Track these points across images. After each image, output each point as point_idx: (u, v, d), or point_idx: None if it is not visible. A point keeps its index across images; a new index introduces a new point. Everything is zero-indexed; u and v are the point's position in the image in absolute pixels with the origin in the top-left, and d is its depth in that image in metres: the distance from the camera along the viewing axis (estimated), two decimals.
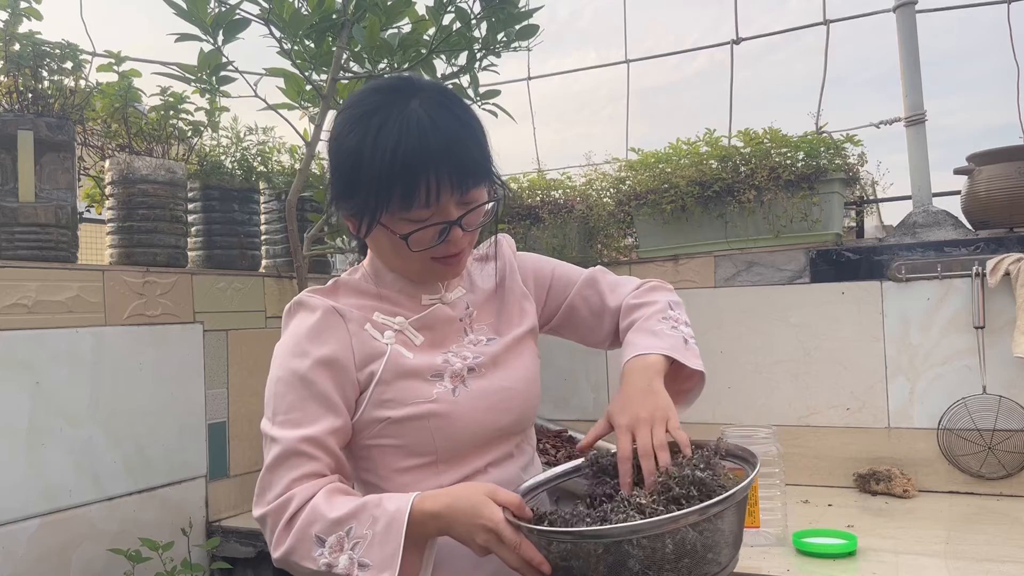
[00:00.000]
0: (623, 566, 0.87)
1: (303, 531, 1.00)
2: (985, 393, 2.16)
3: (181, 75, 2.08)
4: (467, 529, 0.98)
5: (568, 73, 3.28)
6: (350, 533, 0.98)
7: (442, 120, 1.03)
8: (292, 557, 1.01)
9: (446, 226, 1.05)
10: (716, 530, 0.89)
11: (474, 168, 1.05)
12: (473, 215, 1.07)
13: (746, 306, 2.46)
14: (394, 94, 1.06)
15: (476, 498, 0.98)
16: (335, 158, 1.09)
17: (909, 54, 2.50)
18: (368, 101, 1.06)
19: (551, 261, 1.32)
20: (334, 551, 0.98)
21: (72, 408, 1.93)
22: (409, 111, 1.03)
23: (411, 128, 1.01)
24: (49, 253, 1.94)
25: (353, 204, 1.07)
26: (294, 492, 1.02)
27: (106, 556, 1.93)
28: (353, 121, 1.06)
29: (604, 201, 2.72)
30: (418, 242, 1.06)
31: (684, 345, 1.15)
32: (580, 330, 1.31)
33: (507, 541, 0.95)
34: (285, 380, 1.07)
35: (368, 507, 1.00)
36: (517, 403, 1.16)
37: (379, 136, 1.02)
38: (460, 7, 2.00)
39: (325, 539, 0.99)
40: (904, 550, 1.71)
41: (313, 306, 1.10)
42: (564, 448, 2.23)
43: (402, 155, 1.00)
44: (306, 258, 2.21)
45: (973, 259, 2.18)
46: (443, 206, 1.04)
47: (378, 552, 0.96)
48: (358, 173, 1.04)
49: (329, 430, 1.05)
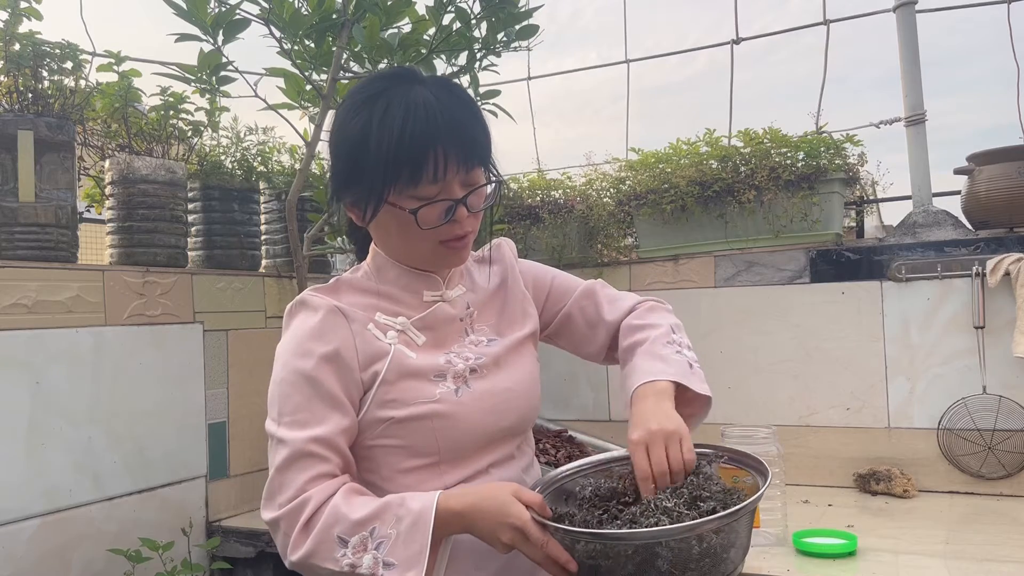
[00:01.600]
0: (651, 565, 0.92)
1: (324, 533, 1.00)
2: (985, 393, 2.16)
3: (181, 75, 2.08)
4: (492, 527, 0.99)
5: (568, 73, 3.28)
6: (374, 533, 0.99)
7: (448, 100, 1.05)
8: (312, 560, 1.00)
9: (452, 204, 1.06)
10: (734, 532, 0.96)
11: (479, 146, 1.07)
12: (476, 196, 1.09)
13: (746, 306, 2.46)
14: (397, 79, 1.08)
15: (503, 497, 1.00)
16: (338, 145, 1.10)
17: (909, 54, 2.50)
18: (370, 88, 1.08)
19: (550, 269, 1.33)
20: (357, 551, 0.98)
21: (72, 408, 1.93)
22: (415, 93, 1.04)
23: (418, 107, 1.03)
24: (49, 253, 1.94)
25: (358, 189, 1.07)
26: (310, 494, 1.01)
27: (106, 556, 1.94)
28: (357, 106, 1.07)
29: (604, 201, 2.72)
30: (426, 219, 1.06)
31: (689, 370, 1.15)
32: (574, 339, 1.32)
33: (534, 539, 0.97)
34: (290, 380, 1.06)
35: (391, 506, 1.00)
36: (519, 404, 1.17)
37: (386, 116, 1.03)
38: (460, 7, 2.00)
39: (348, 540, 0.99)
40: (904, 550, 1.71)
41: (316, 306, 1.10)
42: (564, 448, 2.23)
43: (410, 131, 1.02)
44: (306, 258, 2.21)
45: (973, 259, 2.18)
46: (449, 183, 1.05)
47: (403, 551, 0.97)
48: (365, 154, 1.04)
49: (338, 430, 1.05)
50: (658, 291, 2.58)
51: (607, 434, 2.45)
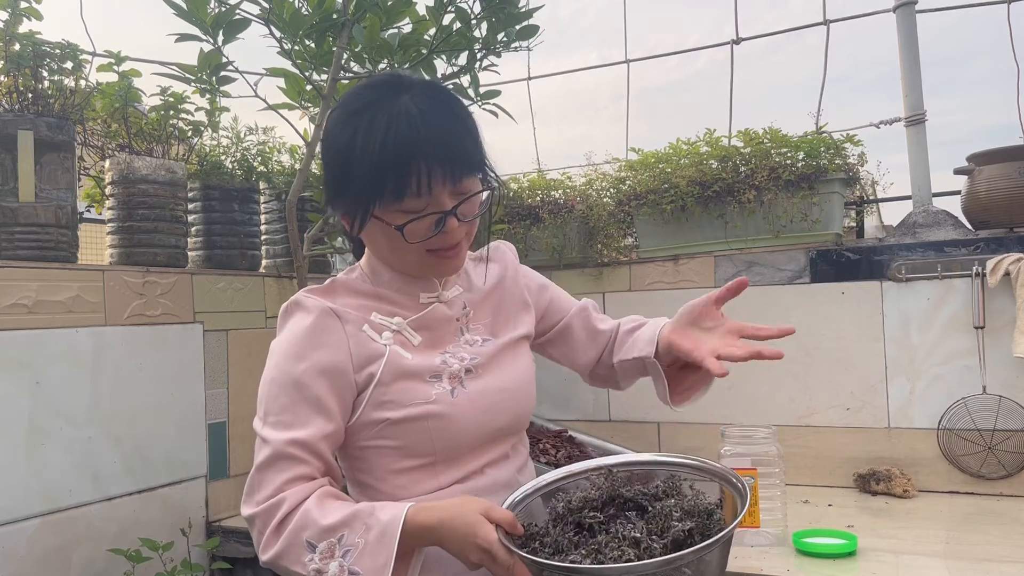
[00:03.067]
0: None
1: (294, 535, 1.00)
2: (985, 393, 2.16)
3: (181, 75, 2.08)
4: (460, 546, 0.98)
5: (569, 73, 3.27)
6: (342, 540, 0.98)
7: (431, 111, 1.03)
8: (281, 561, 1.01)
9: (442, 216, 1.05)
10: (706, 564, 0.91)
11: (465, 158, 1.06)
12: (468, 205, 1.08)
13: (746, 306, 2.46)
14: (383, 90, 1.06)
15: (471, 517, 0.98)
16: (327, 157, 1.10)
17: (909, 54, 2.50)
18: (357, 99, 1.07)
19: (549, 282, 1.37)
20: (324, 557, 0.98)
21: (72, 408, 1.93)
22: (399, 105, 1.03)
23: (400, 120, 1.01)
24: (49, 253, 1.94)
25: (346, 201, 1.07)
26: (285, 495, 1.02)
27: (106, 556, 1.94)
28: (343, 120, 1.06)
29: (604, 201, 2.72)
30: (413, 233, 1.05)
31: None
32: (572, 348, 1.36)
33: (501, 562, 0.96)
34: (279, 381, 1.06)
35: (361, 515, 1.00)
36: (514, 404, 1.17)
37: (369, 130, 1.02)
38: (460, 7, 2.00)
39: (316, 545, 0.99)
40: (904, 550, 1.71)
41: (309, 307, 1.09)
42: (564, 448, 2.23)
43: (392, 146, 1.01)
44: (306, 258, 2.21)
45: (973, 259, 2.18)
46: (436, 196, 1.04)
47: (369, 561, 0.96)
48: (350, 168, 1.04)
49: (321, 435, 1.05)
50: (658, 291, 2.58)
51: (607, 434, 2.45)
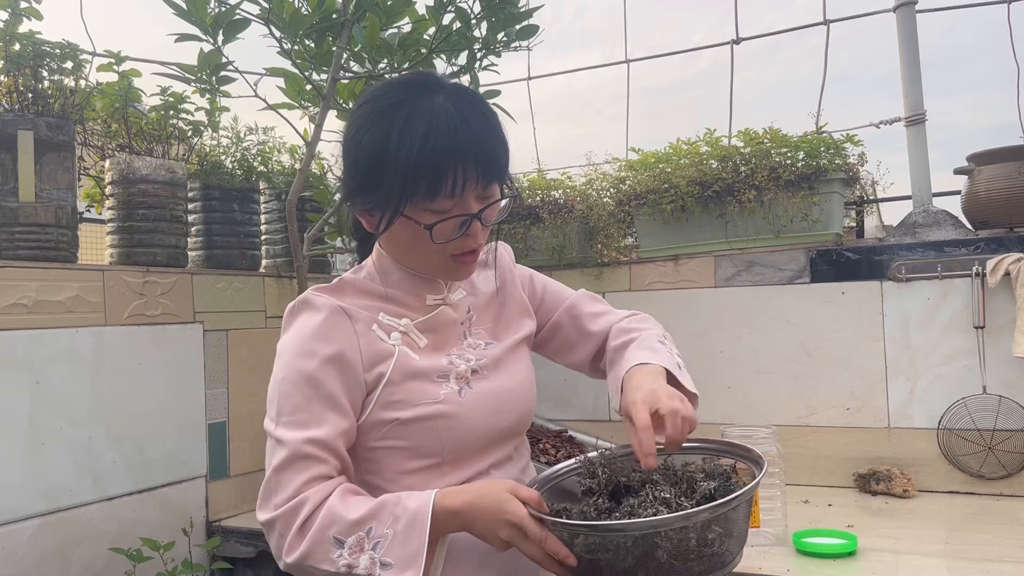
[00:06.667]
0: (650, 556, 0.91)
1: (320, 533, 0.99)
2: (985, 393, 2.16)
3: (181, 75, 2.08)
4: (490, 525, 0.99)
5: (570, 73, 3.27)
6: (370, 533, 0.99)
7: (469, 114, 1.04)
8: (307, 561, 1.00)
9: (467, 219, 1.06)
10: (732, 522, 0.96)
11: (497, 164, 1.07)
12: (491, 210, 1.09)
13: (746, 306, 2.46)
14: (415, 89, 1.06)
15: (499, 494, 1.00)
16: (353, 153, 1.08)
17: (909, 54, 2.50)
18: (387, 96, 1.06)
19: (542, 277, 1.34)
20: (354, 552, 0.98)
21: (72, 408, 1.93)
22: (436, 104, 1.03)
23: (440, 120, 1.01)
24: (49, 253, 1.94)
25: (374, 198, 1.06)
26: (306, 495, 1.01)
27: (106, 556, 1.94)
28: (374, 115, 1.05)
29: (604, 201, 2.71)
30: (441, 233, 1.05)
31: (679, 369, 1.17)
32: (563, 347, 1.33)
33: (532, 536, 0.97)
34: (291, 380, 1.06)
35: (387, 506, 1.00)
36: (519, 404, 1.18)
37: (406, 128, 1.02)
38: (460, 7, 2.00)
39: (344, 540, 0.99)
40: (904, 550, 1.71)
41: (319, 305, 1.09)
42: (564, 448, 2.23)
43: (432, 146, 1.00)
44: (306, 258, 2.21)
45: (973, 259, 2.18)
46: (465, 198, 1.04)
47: (400, 550, 0.97)
48: (383, 166, 1.03)
49: (337, 432, 1.05)
50: (658, 291, 2.58)
51: (607, 434, 2.45)
